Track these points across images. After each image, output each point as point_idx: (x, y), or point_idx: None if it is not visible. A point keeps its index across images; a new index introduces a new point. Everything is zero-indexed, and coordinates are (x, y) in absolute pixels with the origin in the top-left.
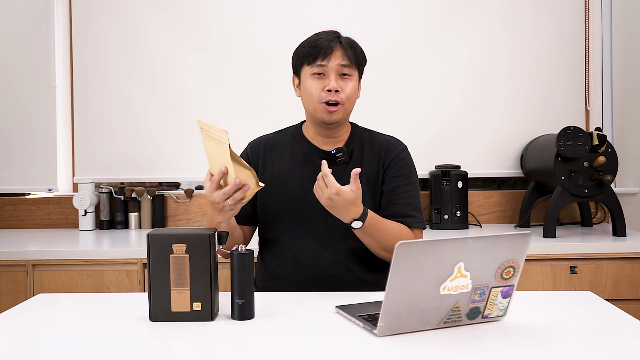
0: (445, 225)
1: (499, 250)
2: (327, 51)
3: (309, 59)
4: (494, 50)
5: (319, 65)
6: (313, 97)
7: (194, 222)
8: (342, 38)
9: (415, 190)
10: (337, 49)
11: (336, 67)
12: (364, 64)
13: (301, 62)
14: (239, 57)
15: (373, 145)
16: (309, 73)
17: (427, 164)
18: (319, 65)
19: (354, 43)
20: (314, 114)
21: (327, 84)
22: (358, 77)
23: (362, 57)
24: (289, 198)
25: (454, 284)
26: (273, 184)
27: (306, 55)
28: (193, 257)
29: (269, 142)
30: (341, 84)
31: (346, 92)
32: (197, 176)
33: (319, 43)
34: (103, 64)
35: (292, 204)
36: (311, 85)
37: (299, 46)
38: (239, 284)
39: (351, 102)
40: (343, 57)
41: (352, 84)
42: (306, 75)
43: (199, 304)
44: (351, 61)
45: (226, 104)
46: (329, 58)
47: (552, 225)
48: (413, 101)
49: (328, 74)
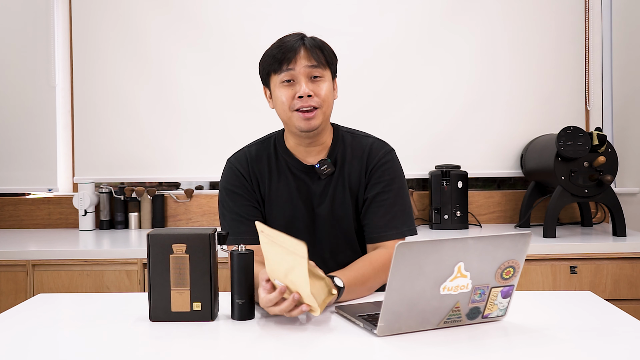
0: (445, 225)
1: (499, 250)
2: (291, 54)
3: (275, 66)
4: (494, 51)
5: (285, 71)
6: (285, 106)
7: (194, 222)
8: (306, 39)
9: (399, 197)
10: (302, 50)
11: (304, 69)
12: (335, 62)
13: (267, 71)
14: (239, 58)
15: (356, 149)
16: (277, 82)
17: (427, 163)
18: (285, 71)
19: (320, 42)
20: (290, 124)
21: (297, 89)
22: (332, 77)
23: (331, 56)
24: (280, 219)
25: (454, 284)
26: (266, 204)
27: (271, 62)
28: (193, 257)
29: (252, 155)
30: (313, 87)
31: (320, 95)
32: (197, 176)
33: (282, 47)
34: (103, 64)
35: (282, 226)
36: (282, 93)
37: (263, 55)
38: (239, 284)
39: (328, 104)
40: (309, 58)
41: (326, 85)
42: (275, 84)
43: (199, 304)
44: (319, 61)
45: (226, 104)
46: (295, 61)
47: (552, 225)
48: (413, 101)
49: (298, 79)
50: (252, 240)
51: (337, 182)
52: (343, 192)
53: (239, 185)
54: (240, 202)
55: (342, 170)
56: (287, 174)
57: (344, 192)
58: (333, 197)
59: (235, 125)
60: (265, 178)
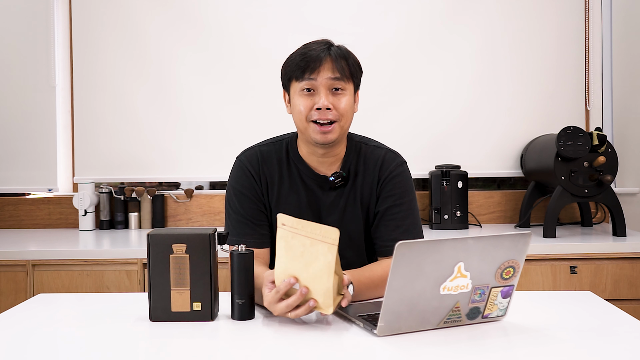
0: (445, 225)
1: (499, 250)
2: (315, 64)
3: (297, 74)
4: (494, 51)
5: (307, 80)
6: (302, 115)
7: (194, 222)
8: (332, 49)
9: (410, 210)
10: (326, 61)
11: (326, 81)
12: (360, 74)
13: (289, 77)
14: (239, 58)
15: (368, 160)
16: (297, 89)
17: (428, 164)
18: (307, 80)
19: (347, 53)
20: (306, 134)
21: (317, 101)
22: (354, 90)
23: (356, 68)
24: None
25: (454, 284)
26: (273, 210)
27: (294, 69)
28: (193, 257)
29: (263, 155)
30: (333, 100)
31: (340, 109)
32: (197, 176)
33: (306, 55)
34: (103, 64)
35: None
36: (300, 102)
37: (286, 60)
38: (239, 284)
39: (347, 118)
40: (333, 70)
41: (346, 99)
42: (295, 91)
43: (199, 304)
44: (343, 74)
45: (226, 104)
46: (318, 72)
47: (552, 225)
48: (413, 101)
49: (318, 90)
50: (255, 243)
51: (349, 194)
52: (354, 204)
53: (248, 187)
54: (247, 205)
55: (355, 182)
56: (298, 181)
57: (354, 204)
58: (344, 209)
59: (235, 125)
60: (275, 183)
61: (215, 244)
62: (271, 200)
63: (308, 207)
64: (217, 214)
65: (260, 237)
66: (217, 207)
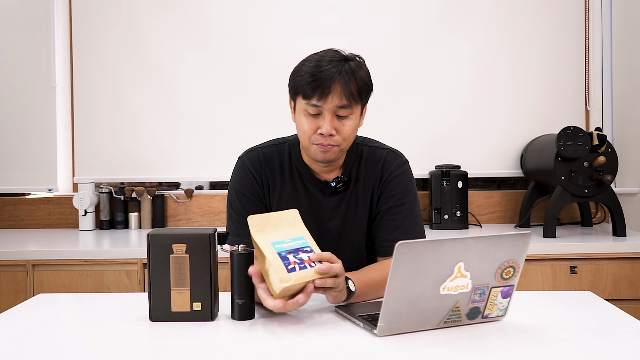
0: (445, 225)
1: (499, 250)
2: (324, 91)
3: (305, 93)
4: (494, 51)
5: (314, 105)
6: (305, 135)
7: (194, 222)
8: (344, 69)
9: (411, 210)
10: (335, 87)
11: (333, 108)
12: (369, 93)
13: (296, 91)
14: (239, 58)
15: (370, 161)
16: (302, 107)
17: (428, 163)
18: (314, 105)
19: (359, 74)
20: (307, 152)
21: (321, 124)
22: (361, 108)
23: (366, 90)
24: None
25: (454, 284)
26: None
27: (303, 87)
28: (193, 257)
29: (265, 157)
30: (337, 125)
31: (343, 134)
32: (197, 176)
33: (317, 77)
34: (103, 64)
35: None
36: (305, 122)
37: (296, 70)
38: (239, 284)
39: (349, 141)
40: (341, 97)
41: (351, 123)
42: (300, 108)
43: (199, 304)
44: (351, 100)
45: (226, 104)
46: (326, 100)
47: (552, 225)
48: (413, 101)
49: (323, 114)
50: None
51: (351, 198)
52: (356, 207)
53: (250, 188)
54: (248, 206)
55: (357, 185)
56: (299, 185)
57: (356, 208)
58: (345, 213)
59: (235, 125)
60: (277, 185)
61: (215, 244)
62: (272, 202)
63: (309, 211)
64: (217, 214)
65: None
66: (217, 207)
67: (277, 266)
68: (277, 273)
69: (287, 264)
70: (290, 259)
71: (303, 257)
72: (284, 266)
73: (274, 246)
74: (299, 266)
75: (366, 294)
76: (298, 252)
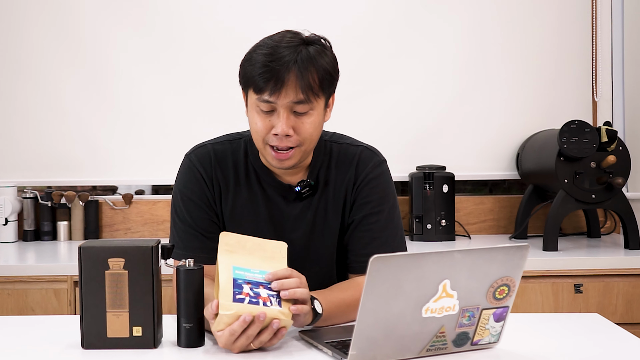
0: (428, 237)
1: (491, 265)
2: (277, 83)
3: (256, 85)
4: (484, 33)
5: (265, 101)
6: (258, 136)
7: (134, 233)
8: (301, 57)
9: (389, 219)
10: (290, 79)
11: (288, 104)
12: (334, 82)
13: (246, 84)
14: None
15: (342, 160)
16: (254, 103)
17: (407, 164)
18: (265, 101)
19: (319, 61)
20: (262, 154)
21: (275, 123)
22: (325, 102)
23: (328, 80)
24: None
25: (439, 305)
26: (226, 222)
27: (254, 78)
28: (133, 274)
29: (217, 155)
30: (295, 123)
31: (302, 134)
32: (137, 179)
33: (270, 68)
34: (27, 47)
35: None
36: (257, 120)
37: (246, 59)
38: (187, 305)
39: (311, 141)
40: (297, 92)
41: (312, 120)
42: (252, 103)
43: (139, 328)
44: (310, 92)
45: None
46: (279, 94)
47: (554, 236)
48: (390, 92)
49: (277, 111)
50: (205, 258)
51: (318, 205)
52: (325, 216)
53: (198, 192)
54: (197, 214)
55: (325, 190)
56: (257, 189)
57: (325, 216)
58: (312, 222)
59: (183, 119)
60: (230, 189)
61: (158, 258)
62: (225, 210)
63: (269, 221)
64: (161, 222)
65: (210, 252)
66: (160, 215)
67: (224, 290)
68: (221, 298)
69: (236, 292)
70: (244, 289)
71: (260, 293)
72: (232, 292)
73: (234, 270)
74: (250, 299)
75: (335, 317)
76: (258, 286)
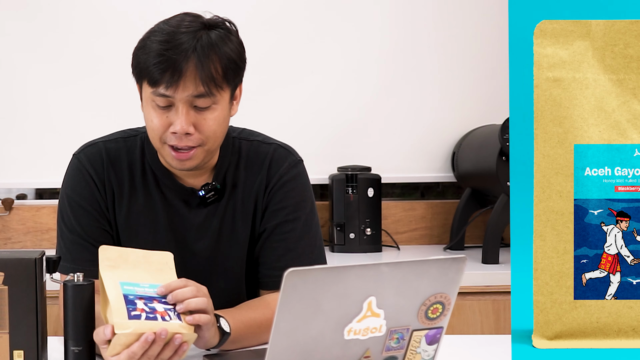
0: (351, 248)
1: (422, 280)
2: (174, 74)
3: (150, 77)
4: (415, 15)
5: (161, 95)
6: (154, 133)
7: (15, 244)
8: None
9: (307, 227)
10: (189, 69)
11: (187, 98)
12: (240, 73)
13: (140, 75)
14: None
15: (251, 160)
16: (149, 97)
17: (327, 165)
18: (161, 95)
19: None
20: (160, 154)
21: (173, 120)
22: (230, 93)
23: (233, 69)
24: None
25: (363, 325)
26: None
27: (148, 68)
28: (13, 290)
29: (110, 155)
30: (197, 119)
31: (205, 131)
32: (18, 181)
33: (166, 56)
34: None
35: None
36: (152, 117)
37: (139, 47)
38: (75, 326)
39: (215, 138)
40: (197, 85)
41: (216, 115)
42: (147, 98)
43: (20, 352)
44: (210, 86)
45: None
46: (177, 87)
47: (495, 247)
48: (306, 83)
49: (176, 106)
50: (96, 272)
51: (226, 210)
52: (233, 223)
53: (88, 198)
54: (87, 222)
55: (233, 193)
56: (155, 193)
57: (233, 224)
58: (218, 231)
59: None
60: (125, 194)
61: (42, 272)
62: (118, 217)
63: (169, 229)
64: (46, 231)
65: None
66: (45, 223)
67: (116, 309)
68: (115, 317)
69: (130, 309)
70: (138, 305)
71: (157, 308)
72: (125, 310)
73: (123, 286)
74: (146, 315)
75: (245, 338)
76: (152, 301)
